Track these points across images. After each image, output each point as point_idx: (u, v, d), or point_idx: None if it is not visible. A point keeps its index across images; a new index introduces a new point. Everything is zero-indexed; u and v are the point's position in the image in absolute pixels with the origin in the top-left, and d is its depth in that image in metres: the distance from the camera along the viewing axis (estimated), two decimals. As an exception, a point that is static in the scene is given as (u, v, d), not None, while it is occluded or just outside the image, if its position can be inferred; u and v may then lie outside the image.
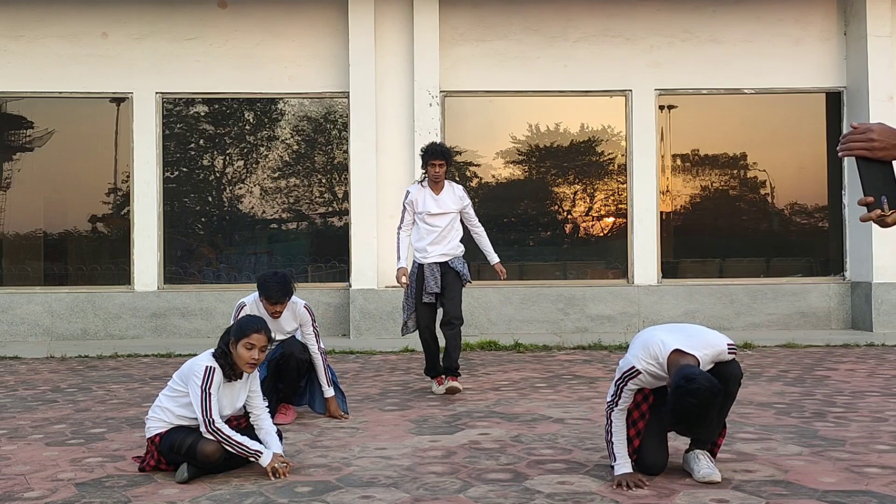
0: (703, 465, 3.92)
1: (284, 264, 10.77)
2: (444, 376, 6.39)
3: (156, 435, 4.18)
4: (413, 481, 3.95)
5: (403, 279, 6.46)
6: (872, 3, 10.39)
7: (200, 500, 3.70)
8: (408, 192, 6.61)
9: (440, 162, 6.44)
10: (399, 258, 6.57)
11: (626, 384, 3.88)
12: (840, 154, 2.23)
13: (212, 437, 4.01)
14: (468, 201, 6.66)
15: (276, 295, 5.31)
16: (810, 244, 11.27)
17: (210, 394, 4.07)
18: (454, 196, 6.57)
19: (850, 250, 10.79)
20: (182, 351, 9.12)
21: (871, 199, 2.15)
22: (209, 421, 4.02)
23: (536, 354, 8.71)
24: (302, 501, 3.67)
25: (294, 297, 5.49)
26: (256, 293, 5.45)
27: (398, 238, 6.62)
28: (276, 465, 4.02)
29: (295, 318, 5.56)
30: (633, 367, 3.85)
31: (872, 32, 10.37)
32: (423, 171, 6.57)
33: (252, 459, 4.06)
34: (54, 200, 11.02)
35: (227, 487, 3.90)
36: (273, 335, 5.48)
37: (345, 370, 7.74)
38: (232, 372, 4.19)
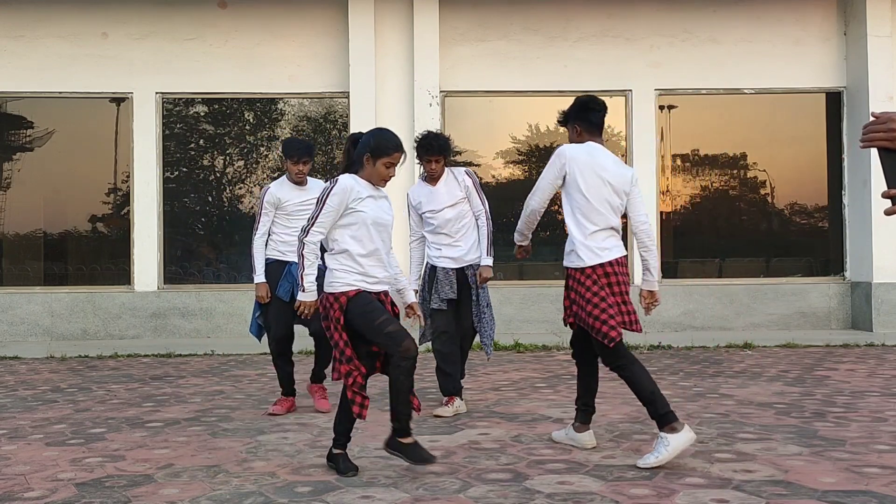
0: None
1: (284, 264, 10.77)
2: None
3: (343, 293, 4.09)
4: (413, 481, 3.95)
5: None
6: (872, 3, 10.39)
7: (200, 500, 3.70)
8: (408, 195, 5.92)
9: (435, 158, 5.60)
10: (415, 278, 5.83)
11: None
12: (862, 145, 2.17)
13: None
14: (471, 181, 5.73)
15: (297, 151, 5.67)
16: (810, 244, 11.27)
17: (325, 205, 4.07)
18: (451, 184, 5.69)
19: (850, 250, 10.79)
20: (182, 351, 9.13)
21: (895, 191, 2.09)
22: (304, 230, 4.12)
23: (536, 354, 8.71)
24: (302, 501, 3.66)
25: (315, 179, 5.93)
26: (279, 180, 5.88)
27: (410, 249, 5.95)
28: (304, 310, 4.17)
29: (319, 190, 5.82)
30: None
31: (872, 32, 10.36)
32: (418, 162, 5.79)
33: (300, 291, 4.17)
34: (54, 200, 11.02)
35: (227, 487, 3.90)
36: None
37: (345, 370, 7.73)
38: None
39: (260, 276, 5.78)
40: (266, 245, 5.86)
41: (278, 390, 6.63)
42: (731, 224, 11.39)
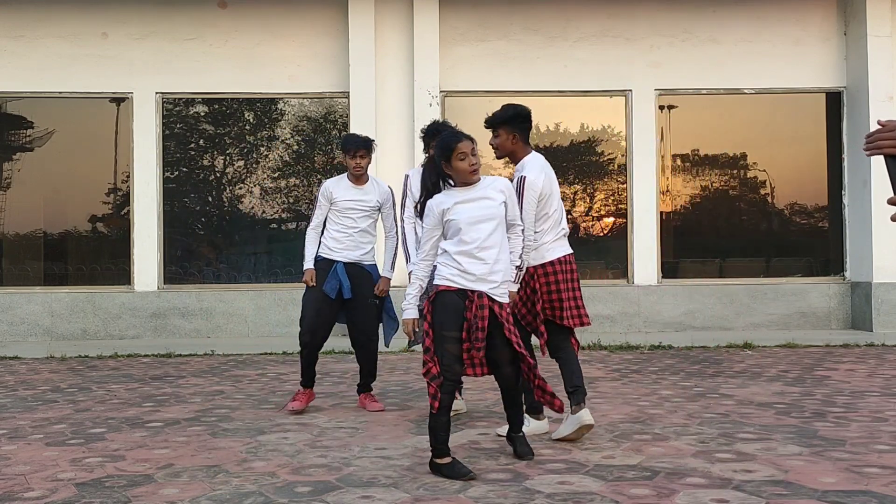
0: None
1: (284, 264, 10.78)
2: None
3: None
4: (413, 481, 3.95)
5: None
6: (872, 3, 10.39)
7: (200, 500, 3.70)
8: (406, 176, 5.60)
9: None
10: (408, 258, 5.50)
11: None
12: (867, 153, 2.18)
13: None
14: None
15: (353, 144, 5.67)
16: (810, 244, 11.28)
17: (423, 229, 4.25)
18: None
19: (850, 250, 10.79)
20: (182, 351, 9.13)
21: None
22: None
23: (535, 354, 8.69)
24: (302, 501, 3.66)
25: (379, 180, 5.99)
26: (335, 178, 5.92)
27: (403, 231, 5.59)
28: (408, 329, 4.20)
29: (377, 192, 5.88)
30: None
31: (872, 32, 10.37)
32: (426, 153, 5.48)
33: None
34: (54, 200, 11.03)
35: (227, 487, 3.90)
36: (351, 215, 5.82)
37: (345, 370, 7.74)
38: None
39: (308, 263, 5.85)
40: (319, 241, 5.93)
41: (278, 390, 6.65)
42: (731, 224, 11.39)
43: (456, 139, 4.16)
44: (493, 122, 4.99)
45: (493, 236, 4.14)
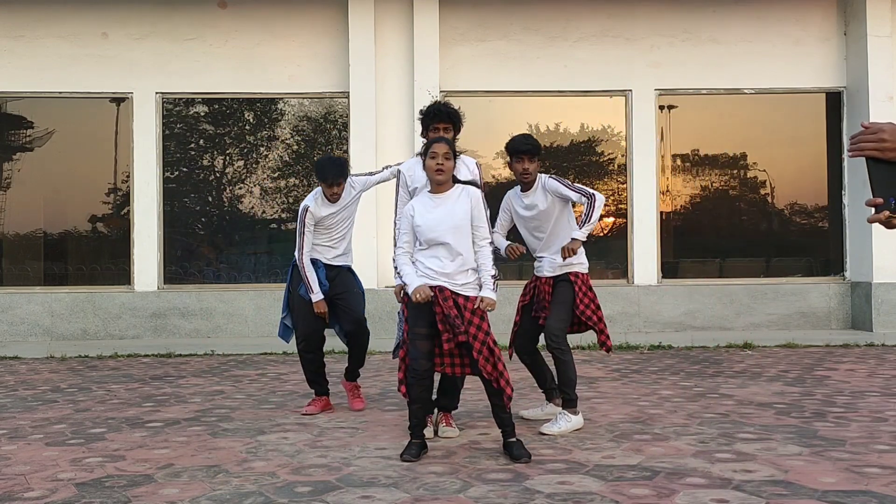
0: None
1: (284, 265, 10.76)
2: (433, 413, 5.08)
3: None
4: (413, 481, 3.95)
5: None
6: (872, 3, 10.39)
7: (200, 500, 3.70)
8: (399, 172, 5.16)
9: (444, 125, 4.96)
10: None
11: None
12: (850, 154, 2.21)
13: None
14: (479, 172, 5.11)
15: (331, 175, 5.55)
16: (810, 244, 11.28)
17: (399, 231, 4.69)
18: (460, 170, 4.85)
19: (850, 250, 10.79)
20: (182, 351, 9.13)
21: (880, 200, 2.12)
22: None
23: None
24: (302, 501, 3.66)
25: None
26: (314, 194, 5.72)
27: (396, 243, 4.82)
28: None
29: (351, 191, 5.78)
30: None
31: (872, 32, 10.37)
32: (423, 137, 5.05)
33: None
34: (54, 200, 11.02)
35: (227, 487, 3.90)
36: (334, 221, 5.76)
37: (344, 370, 7.73)
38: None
39: (318, 294, 5.67)
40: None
41: (278, 390, 6.67)
42: (731, 224, 11.39)
43: (436, 140, 4.53)
44: (538, 150, 5.35)
45: (453, 240, 4.43)
